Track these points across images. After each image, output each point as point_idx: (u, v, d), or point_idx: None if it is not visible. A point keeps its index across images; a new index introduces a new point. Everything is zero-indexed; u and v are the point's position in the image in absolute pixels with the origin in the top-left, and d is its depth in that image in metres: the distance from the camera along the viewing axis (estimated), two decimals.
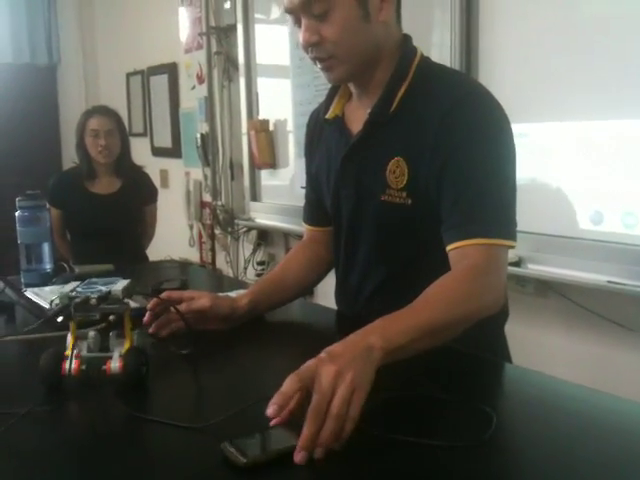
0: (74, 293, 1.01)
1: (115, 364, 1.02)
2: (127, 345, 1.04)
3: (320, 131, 1.35)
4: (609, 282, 1.70)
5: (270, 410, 0.81)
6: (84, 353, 1.03)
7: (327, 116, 1.28)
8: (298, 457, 0.77)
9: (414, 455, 0.79)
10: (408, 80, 1.17)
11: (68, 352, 1.01)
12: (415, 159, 1.14)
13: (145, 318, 1.23)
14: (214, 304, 1.25)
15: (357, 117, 1.22)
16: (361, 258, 1.29)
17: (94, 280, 1.09)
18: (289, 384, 0.83)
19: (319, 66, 1.17)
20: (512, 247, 1.10)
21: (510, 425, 0.89)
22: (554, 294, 1.91)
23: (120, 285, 1.07)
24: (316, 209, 1.42)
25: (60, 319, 1.16)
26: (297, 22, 1.15)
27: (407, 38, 1.21)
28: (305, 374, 0.84)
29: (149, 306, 1.23)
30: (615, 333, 1.79)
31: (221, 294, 1.36)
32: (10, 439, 0.86)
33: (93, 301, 1.02)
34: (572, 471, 0.76)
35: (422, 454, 0.79)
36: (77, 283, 1.08)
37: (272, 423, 0.82)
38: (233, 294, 1.38)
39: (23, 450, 0.85)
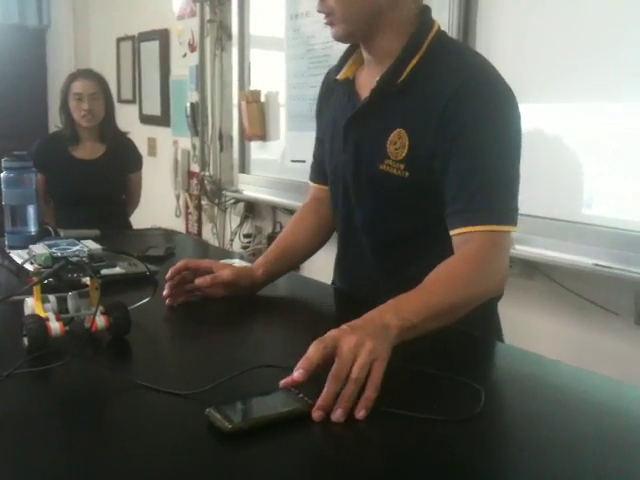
0: (56, 254, 1.00)
1: (101, 321, 1.01)
2: (96, 302, 1.04)
3: (330, 92, 1.35)
4: (595, 265, 1.71)
5: (296, 374, 0.84)
6: (66, 314, 1.02)
7: (338, 77, 1.29)
8: (316, 414, 0.81)
9: (406, 428, 0.80)
10: (420, 53, 1.16)
11: (45, 314, 1.00)
12: (418, 133, 1.14)
13: (166, 291, 1.25)
14: (237, 276, 1.29)
15: (367, 83, 1.22)
16: (355, 229, 1.29)
17: (57, 242, 1.08)
18: (314, 350, 0.86)
19: (324, 20, 1.19)
20: (513, 231, 1.12)
21: (498, 400, 0.90)
22: (540, 275, 1.92)
23: (90, 245, 1.07)
24: (321, 168, 1.42)
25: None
26: None
27: (426, 10, 1.20)
28: (329, 341, 0.87)
29: (168, 276, 1.26)
30: (599, 316, 1.80)
31: (227, 261, 1.38)
32: None
33: (85, 260, 1.02)
34: (555, 443, 0.77)
35: (414, 427, 0.79)
36: (45, 243, 1.06)
37: (282, 383, 0.86)
38: (236, 263, 1.39)
39: (10, 411, 0.84)
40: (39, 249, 1.04)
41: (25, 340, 0.99)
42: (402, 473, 0.71)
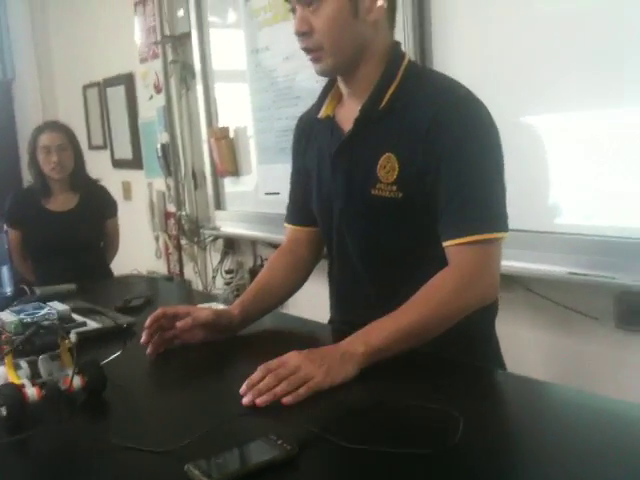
0: (26, 319, 0.99)
1: (77, 381, 1.01)
2: (69, 364, 1.04)
3: (310, 131, 1.39)
4: (570, 273, 1.72)
5: (244, 400, 0.98)
6: (39, 378, 1.01)
7: (319, 116, 1.33)
8: (245, 400, 0.97)
9: (383, 464, 0.79)
10: (397, 80, 1.22)
11: (20, 381, 0.99)
12: (406, 155, 1.18)
13: (143, 338, 1.26)
14: (217, 316, 1.30)
15: (348, 117, 1.27)
16: (353, 256, 1.30)
17: (24, 307, 1.08)
18: (257, 371, 1.01)
19: (308, 57, 1.22)
20: (503, 238, 1.17)
21: (478, 427, 0.89)
22: (519, 287, 1.93)
23: (58, 307, 1.07)
24: (300, 208, 1.44)
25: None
26: (293, 10, 1.22)
27: (397, 44, 1.27)
28: (273, 362, 1.01)
29: (147, 324, 1.26)
30: (580, 322, 1.81)
31: (204, 305, 1.40)
32: None
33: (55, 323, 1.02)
34: (541, 468, 0.77)
35: (391, 462, 0.79)
36: (11, 310, 1.06)
37: (244, 401, 0.97)
38: (213, 306, 1.40)
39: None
40: (7, 316, 1.04)
41: (1, 409, 0.98)
42: None
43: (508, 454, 0.82)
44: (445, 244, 1.16)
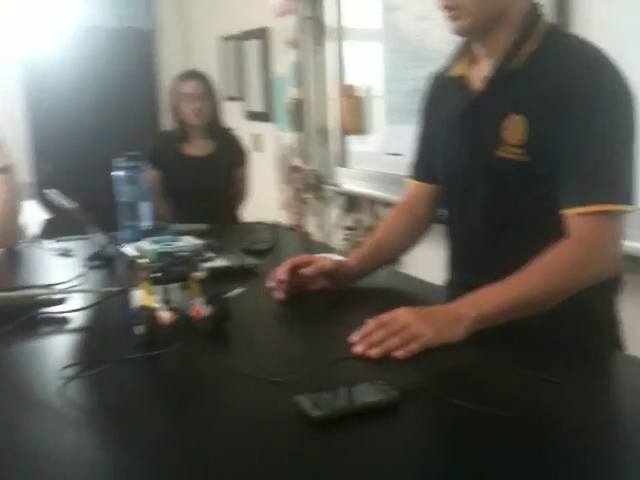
0: (162, 248, 1.10)
1: (205, 310, 1.10)
2: (197, 294, 1.13)
3: (441, 89, 1.40)
4: None
5: (355, 347, 1.02)
6: (172, 304, 1.12)
7: (451, 74, 1.34)
8: (357, 349, 1.01)
9: (481, 424, 0.81)
10: (532, 41, 1.20)
11: (156, 305, 1.10)
12: (535, 117, 1.16)
13: (271, 284, 1.34)
14: (337, 267, 1.36)
15: (479, 76, 1.26)
16: (473, 218, 1.31)
17: (161, 238, 1.18)
18: (368, 324, 1.05)
19: (446, 14, 1.21)
20: (628, 212, 1.13)
21: (582, 402, 0.88)
22: None
23: (192, 241, 1.16)
24: (425, 165, 1.45)
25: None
26: None
27: (535, 5, 1.24)
28: (384, 317, 1.05)
29: (281, 274, 1.32)
30: None
31: (322, 255, 1.46)
32: (113, 380, 0.96)
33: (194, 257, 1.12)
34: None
35: (488, 423, 0.81)
36: (150, 240, 1.16)
37: (355, 350, 1.01)
38: (332, 257, 1.46)
39: (123, 393, 0.94)
40: (146, 246, 1.14)
41: (138, 329, 1.08)
42: (480, 465, 0.73)
43: (608, 432, 0.81)
44: (565, 212, 1.14)
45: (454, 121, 1.30)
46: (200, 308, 1.12)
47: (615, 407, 0.90)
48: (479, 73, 1.27)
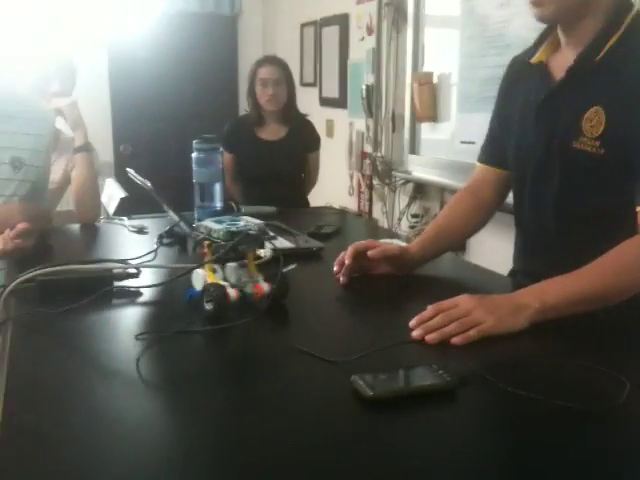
0: (231, 229, 1.14)
1: (267, 288, 1.15)
2: (255, 274, 1.17)
3: (521, 74, 1.38)
4: None
5: (413, 332, 1.03)
6: (235, 282, 1.16)
7: (532, 60, 1.31)
8: (415, 333, 1.03)
9: (538, 414, 0.80)
10: (620, 31, 1.17)
11: (221, 282, 1.15)
12: (616, 110, 1.14)
13: (340, 269, 1.35)
14: (401, 252, 1.37)
15: (562, 65, 1.24)
16: (544, 208, 1.30)
17: (223, 219, 1.22)
18: (428, 309, 1.05)
19: (529, 1, 1.19)
20: None
21: None
22: None
23: (253, 222, 1.20)
24: (496, 149, 1.44)
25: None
26: None
27: None
28: (445, 303, 1.05)
29: (347, 259, 1.34)
30: None
31: (386, 241, 1.48)
32: (182, 351, 1.01)
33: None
34: None
35: (546, 413, 0.80)
36: (213, 220, 1.21)
37: (413, 334, 1.02)
38: (395, 243, 1.48)
39: (190, 363, 0.99)
40: (213, 225, 1.19)
41: (208, 305, 1.13)
42: (531, 455, 0.73)
43: None
44: (638, 209, 1.12)
45: (531, 108, 1.29)
46: (262, 286, 1.16)
47: None
48: (561, 62, 1.24)
